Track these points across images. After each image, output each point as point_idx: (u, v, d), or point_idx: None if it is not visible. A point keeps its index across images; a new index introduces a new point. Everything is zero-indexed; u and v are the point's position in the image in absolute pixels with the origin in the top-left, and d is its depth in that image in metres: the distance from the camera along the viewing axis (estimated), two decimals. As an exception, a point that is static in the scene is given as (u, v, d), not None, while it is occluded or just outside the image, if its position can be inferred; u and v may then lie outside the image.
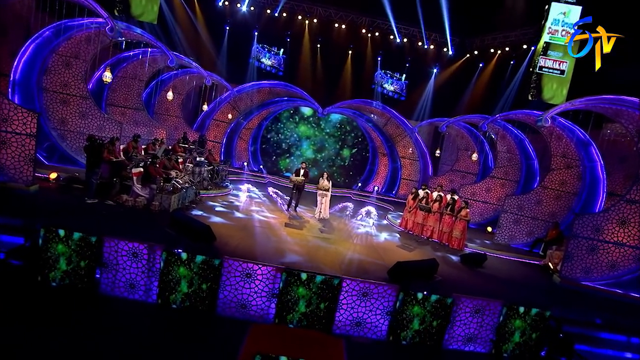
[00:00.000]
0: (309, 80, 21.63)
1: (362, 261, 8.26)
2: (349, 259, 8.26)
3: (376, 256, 8.82)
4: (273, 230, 9.36)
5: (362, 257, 8.56)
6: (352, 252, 8.79)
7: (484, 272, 9.42)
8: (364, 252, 8.99)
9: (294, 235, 9.20)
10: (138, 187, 9.16)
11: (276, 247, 8.02)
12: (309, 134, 21.29)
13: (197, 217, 9.21)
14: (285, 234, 9.16)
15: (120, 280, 6.64)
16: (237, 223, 9.40)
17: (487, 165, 18.64)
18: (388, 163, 20.79)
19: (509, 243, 12.76)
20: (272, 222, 10.24)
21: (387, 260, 8.65)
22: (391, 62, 22.28)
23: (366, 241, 10.14)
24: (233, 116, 19.63)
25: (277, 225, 10.03)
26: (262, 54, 22.08)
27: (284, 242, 8.47)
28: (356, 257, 8.44)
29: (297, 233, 9.49)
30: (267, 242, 8.25)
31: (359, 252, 8.85)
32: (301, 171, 11.83)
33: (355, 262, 8.11)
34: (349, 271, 7.45)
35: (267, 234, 8.90)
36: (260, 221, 10.14)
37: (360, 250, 9.03)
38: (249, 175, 18.52)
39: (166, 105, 18.10)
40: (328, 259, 7.94)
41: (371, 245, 9.82)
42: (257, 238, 8.42)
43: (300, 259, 7.59)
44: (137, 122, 14.72)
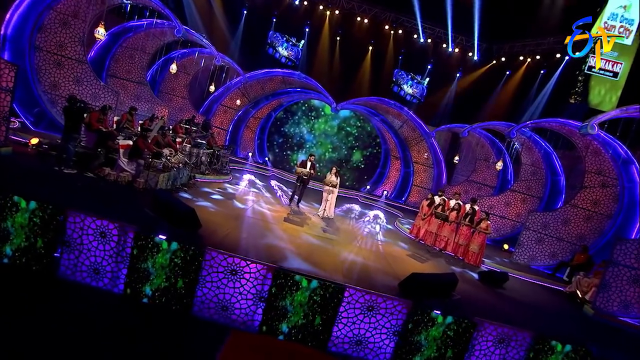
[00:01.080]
0: (324, 74, 20.60)
1: (368, 268, 7.16)
2: (353, 264, 7.16)
3: (384, 264, 7.71)
4: (269, 224, 8.29)
5: (368, 263, 7.45)
6: (357, 256, 7.69)
7: (505, 293, 8.26)
8: (370, 258, 7.88)
9: (292, 232, 8.13)
10: (124, 161, 8.16)
11: (270, 243, 6.94)
12: (319, 130, 20.25)
13: (188, 201, 8.18)
14: (282, 230, 8.09)
15: (83, 264, 5.62)
16: (230, 212, 8.35)
17: (506, 178, 17.45)
18: (400, 167, 19.65)
19: (528, 264, 11.56)
20: (270, 215, 9.19)
21: (397, 270, 7.54)
22: (412, 63, 21.18)
23: (373, 247, 9.03)
24: (242, 103, 18.65)
25: (275, 219, 8.97)
26: (278, 43, 21.08)
27: (280, 238, 7.39)
28: (361, 263, 7.34)
29: (296, 229, 8.42)
30: (261, 236, 7.17)
31: (364, 258, 7.75)
32: (308, 163, 10.77)
33: (360, 269, 7.01)
34: (353, 278, 6.35)
35: (262, 227, 7.84)
36: (257, 213, 9.08)
37: (366, 256, 7.93)
38: (252, 167, 17.51)
39: (172, 85, 17.19)
40: (329, 262, 6.85)
41: (379, 251, 8.72)
42: (250, 230, 7.35)
43: (297, 259, 6.51)
44: (139, 97, 13.80)
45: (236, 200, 9.73)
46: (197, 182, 10.41)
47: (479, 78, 20.27)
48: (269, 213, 9.37)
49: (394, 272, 7.35)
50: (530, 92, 16.60)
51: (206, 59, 16.79)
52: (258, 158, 19.68)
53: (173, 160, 9.21)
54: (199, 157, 11.38)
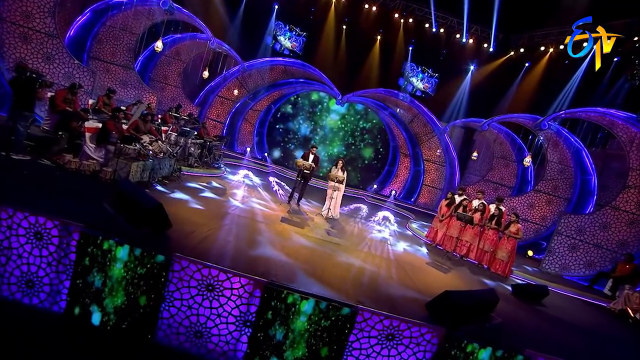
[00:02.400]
0: (329, 65, 19.17)
1: (383, 281, 5.78)
2: (365, 276, 5.78)
3: (402, 275, 6.32)
4: (263, 225, 6.92)
5: (383, 274, 6.07)
6: (369, 266, 6.31)
7: (546, 311, 6.85)
8: (385, 267, 6.50)
9: (290, 235, 6.76)
10: (90, 146, 6.81)
11: (262, 249, 5.56)
12: (323, 124, 18.89)
13: (162, 195, 6.82)
14: (278, 232, 6.71)
15: (11, 274, 4.26)
16: (215, 210, 6.98)
17: (525, 178, 16.05)
18: (410, 165, 18.25)
19: (560, 273, 10.13)
20: (265, 214, 7.81)
21: (418, 282, 6.16)
22: (423, 54, 19.74)
23: (386, 253, 7.64)
24: (240, 94, 17.32)
25: (271, 219, 7.59)
26: (281, 32, 19.66)
27: (275, 242, 6.01)
28: (375, 275, 5.95)
29: (295, 232, 7.04)
30: (250, 240, 5.80)
31: (378, 267, 6.36)
32: (310, 156, 9.42)
33: (375, 283, 5.63)
34: (366, 297, 4.97)
35: (253, 229, 6.47)
36: (249, 211, 7.71)
37: (380, 265, 6.54)
38: (250, 162, 16.16)
39: (164, 72, 15.88)
40: (335, 274, 5.47)
41: (394, 259, 7.32)
42: (238, 233, 5.98)
43: (295, 270, 5.13)
44: (125, 83, 12.47)
45: (225, 197, 8.36)
46: (182, 176, 9.06)
47: (495, 71, 18.82)
48: (263, 212, 8.00)
49: (414, 285, 5.96)
50: (555, 83, 15.17)
51: (203, 46, 15.48)
52: (257, 153, 18.33)
53: (154, 148, 7.87)
54: (186, 147, 10.03)
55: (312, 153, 9.46)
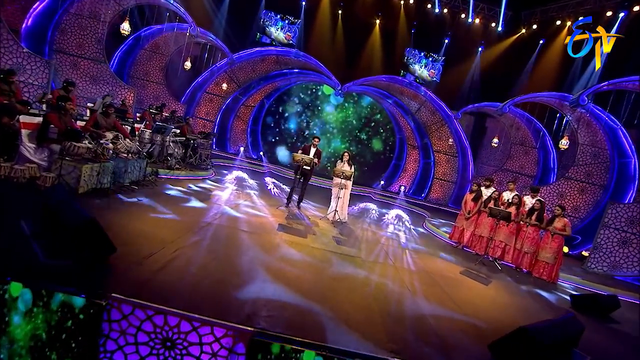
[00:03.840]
0: (325, 53, 17.66)
1: (418, 306, 4.29)
2: (392, 300, 4.28)
3: (439, 295, 4.83)
4: (256, 237, 5.42)
5: (415, 296, 4.57)
6: (394, 285, 4.81)
7: (623, 330, 5.35)
8: (415, 284, 5.01)
9: (289, 249, 5.26)
10: (29, 147, 5.33)
11: (250, 275, 4.05)
12: (322, 117, 17.41)
13: (122, 205, 5.33)
14: (274, 246, 5.22)
15: None
16: (192, 220, 5.49)
17: (547, 165, 14.57)
18: (419, 158, 16.77)
19: (610, 273, 8.64)
20: (258, 223, 6.33)
21: (462, 303, 4.67)
22: (426, 38, 18.24)
23: (409, 263, 6.16)
24: (230, 89, 15.84)
25: (265, 227, 6.11)
26: (271, 22, 18.05)
27: (269, 263, 4.50)
28: (405, 298, 4.45)
29: (297, 244, 5.55)
30: (235, 263, 4.29)
31: (406, 285, 4.87)
32: (312, 149, 7.95)
33: (408, 310, 4.13)
34: (400, 334, 3.48)
35: (241, 244, 4.97)
36: (238, 220, 6.23)
37: (407, 281, 5.06)
38: (244, 162, 14.68)
39: (145, 68, 14.41)
40: (353, 303, 3.97)
41: (421, 270, 5.84)
42: (218, 251, 4.48)
43: (296, 305, 3.62)
44: (96, 79, 11.00)
45: (209, 204, 6.88)
46: (159, 180, 7.58)
47: (506, 51, 17.33)
48: (256, 220, 6.51)
49: (457, 306, 4.47)
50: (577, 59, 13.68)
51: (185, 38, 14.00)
52: (252, 153, 16.85)
53: (118, 147, 6.40)
54: (164, 147, 8.55)
55: (314, 146, 7.98)
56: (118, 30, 13.85)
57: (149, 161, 7.59)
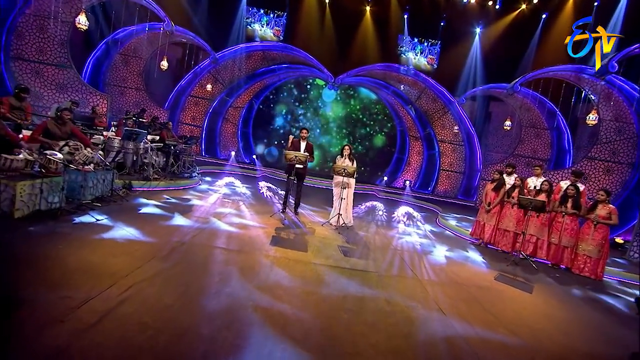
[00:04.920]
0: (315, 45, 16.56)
1: (461, 337, 3.21)
2: (425, 333, 3.21)
3: (481, 315, 3.76)
4: (242, 258, 4.34)
5: (453, 320, 3.50)
6: (423, 307, 3.74)
7: None
8: (448, 302, 3.95)
9: (287, 268, 4.20)
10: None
11: (233, 318, 2.96)
12: (316, 113, 16.36)
13: (68, 229, 4.27)
14: (266, 268, 4.14)
15: None
16: (162, 240, 4.41)
17: (562, 147, 13.56)
18: (422, 149, 15.73)
19: (655, 263, 7.58)
20: (247, 237, 5.25)
21: (511, 323, 3.61)
22: (421, 22, 17.16)
23: (433, 272, 5.09)
24: (215, 90, 14.80)
25: (256, 243, 5.03)
26: (255, 19, 16.89)
27: (259, 296, 3.40)
28: (443, 326, 3.38)
29: (295, 261, 4.48)
30: (212, 300, 3.19)
31: (438, 305, 3.81)
32: (302, 144, 6.90)
33: (451, 346, 3.05)
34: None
35: (224, 270, 3.88)
36: (222, 235, 5.16)
37: (438, 299, 3.99)
38: (236, 168, 13.63)
39: (121, 74, 13.36)
40: (380, 348, 2.88)
41: (449, 281, 4.77)
42: (188, 284, 3.38)
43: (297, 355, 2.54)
44: (62, 86, 9.94)
45: (188, 217, 5.81)
46: (131, 193, 6.52)
47: (506, 30, 16.27)
48: (245, 233, 5.44)
49: (508, 330, 3.40)
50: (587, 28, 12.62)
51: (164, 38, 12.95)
52: (244, 157, 15.80)
53: (77, 157, 5.35)
54: (137, 155, 7.49)
55: (304, 139, 6.93)
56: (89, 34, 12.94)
57: (117, 173, 6.52)
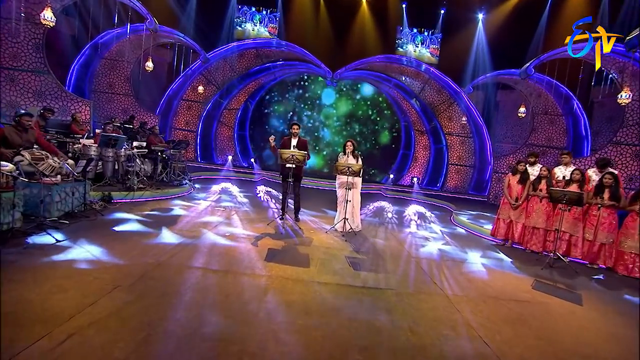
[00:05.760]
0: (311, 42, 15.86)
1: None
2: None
3: (542, 348, 2.96)
4: (230, 281, 3.56)
5: (503, 356, 2.71)
6: (464, 336, 2.94)
7: None
8: (489, 327, 3.15)
9: (283, 290, 3.42)
10: None
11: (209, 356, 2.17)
12: (315, 111, 15.61)
13: (10, 257, 3.52)
14: (262, 291, 3.36)
15: None
16: (133, 262, 3.65)
17: (578, 133, 12.71)
18: (429, 144, 14.92)
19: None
20: (239, 253, 4.48)
21: (574, 350, 2.81)
22: (420, 11, 16.38)
23: (465, 284, 4.30)
24: (208, 92, 14.08)
25: (249, 259, 4.26)
26: (247, 18, 16.09)
27: (249, 338, 2.62)
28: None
29: (295, 281, 3.71)
30: (182, 339, 2.42)
31: (484, 337, 3.00)
32: (292, 140, 6.14)
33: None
34: None
35: (204, 300, 3.10)
36: (208, 252, 4.40)
37: (479, 323, 3.19)
38: (233, 173, 12.89)
39: (108, 79, 12.66)
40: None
41: (485, 295, 4.00)
42: (158, 326, 2.62)
43: None
44: (40, 94, 9.25)
45: (171, 231, 5.05)
46: (110, 207, 5.78)
47: (511, 14, 15.45)
48: (236, 248, 4.67)
49: None
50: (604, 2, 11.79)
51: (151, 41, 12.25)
52: (242, 161, 15.06)
53: (42, 168, 4.63)
54: (118, 163, 6.75)
55: (294, 135, 6.16)
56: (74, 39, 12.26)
57: (92, 184, 5.78)
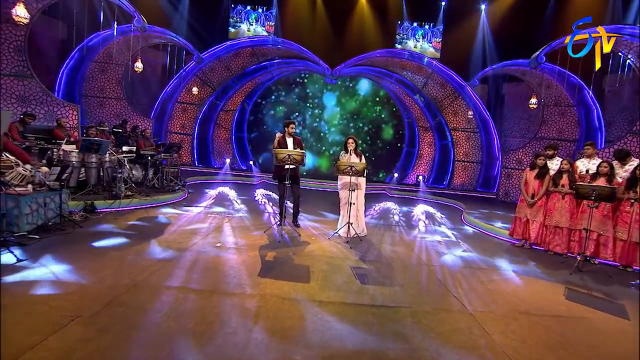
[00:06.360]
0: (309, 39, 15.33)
1: None
2: None
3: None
4: (215, 303, 3.04)
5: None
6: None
7: None
8: (526, 355, 2.61)
9: (278, 315, 2.90)
10: None
11: None
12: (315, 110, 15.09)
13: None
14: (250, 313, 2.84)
15: None
16: (104, 284, 3.14)
17: (591, 124, 12.13)
18: (434, 140, 14.37)
19: None
20: (229, 267, 3.96)
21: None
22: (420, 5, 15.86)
23: (491, 297, 3.76)
24: (203, 94, 13.60)
25: (241, 272, 3.74)
26: (242, 18, 15.60)
27: None
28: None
29: (293, 302, 3.17)
30: None
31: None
32: (288, 140, 5.63)
33: None
34: None
35: (180, 327, 2.59)
36: (194, 267, 3.88)
37: (513, 351, 2.65)
38: (230, 176, 12.40)
39: (99, 83, 12.20)
40: None
41: (516, 310, 3.46)
42: None
43: None
44: (24, 99, 8.78)
45: (156, 244, 4.54)
46: (93, 217, 5.28)
47: (516, 2, 14.90)
48: (226, 261, 4.15)
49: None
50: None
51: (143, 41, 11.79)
52: (240, 164, 14.55)
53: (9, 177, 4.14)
54: (103, 169, 6.26)
55: (290, 134, 5.64)
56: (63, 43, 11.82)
57: (71, 193, 5.28)
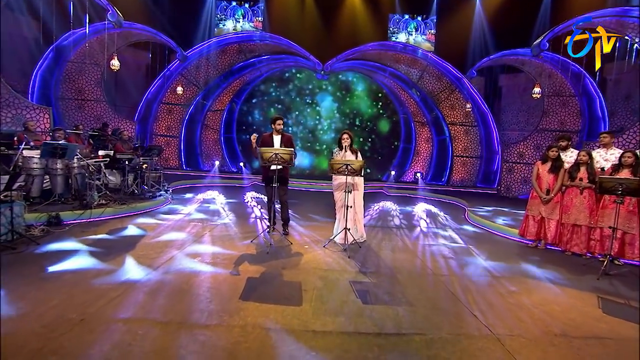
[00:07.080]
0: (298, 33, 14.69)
1: None
2: None
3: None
4: (179, 339, 2.45)
5: None
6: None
7: None
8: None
9: (261, 356, 2.30)
10: None
11: None
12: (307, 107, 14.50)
13: None
14: (223, 352, 2.26)
15: None
16: (35, 325, 2.53)
17: (594, 114, 11.69)
18: (431, 135, 13.85)
19: None
20: (206, 287, 3.37)
21: None
22: None
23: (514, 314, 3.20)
24: (189, 93, 12.95)
25: (219, 295, 3.15)
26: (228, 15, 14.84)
27: None
28: None
29: (278, 330, 2.60)
30: None
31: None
32: (275, 138, 5.05)
33: None
34: None
35: None
36: (162, 289, 3.27)
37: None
38: (219, 179, 11.78)
39: (76, 85, 11.53)
40: None
41: (551, 332, 2.92)
42: None
43: None
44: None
45: (123, 262, 3.93)
46: (57, 230, 4.65)
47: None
48: (201, 281, 3.54)
49: None
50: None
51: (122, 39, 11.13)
52: (230, 166, 13.92)
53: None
54: (71, 176, 5.62)
55: (277, 132, 5.06)
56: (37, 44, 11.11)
57: (28, 204, 4.65)
